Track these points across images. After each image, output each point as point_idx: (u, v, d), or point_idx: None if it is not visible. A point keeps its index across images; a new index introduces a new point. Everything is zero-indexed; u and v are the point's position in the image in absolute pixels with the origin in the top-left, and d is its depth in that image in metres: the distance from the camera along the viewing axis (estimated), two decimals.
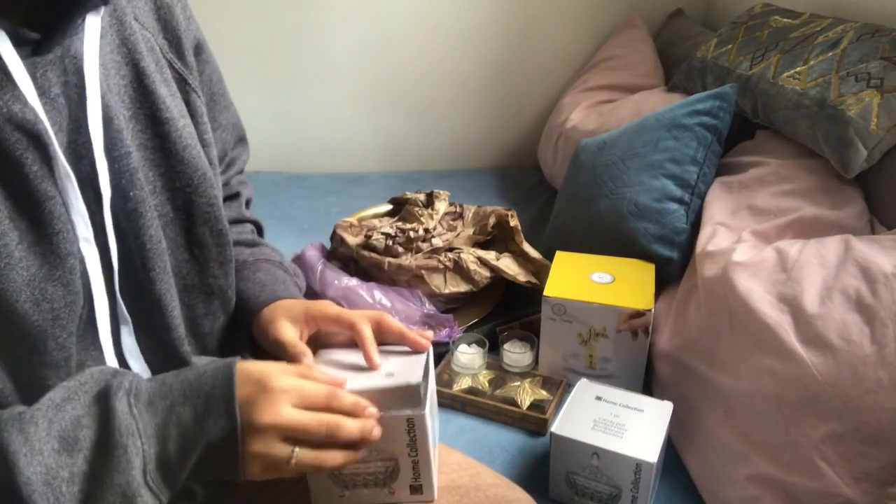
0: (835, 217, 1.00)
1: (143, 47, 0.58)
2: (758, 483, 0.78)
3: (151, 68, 0.58)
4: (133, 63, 0.57)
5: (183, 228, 0.61)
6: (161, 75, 0.60)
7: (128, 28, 0.57)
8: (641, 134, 1.24)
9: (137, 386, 0.50)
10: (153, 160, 0.58)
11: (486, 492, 0.67)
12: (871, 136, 0.99)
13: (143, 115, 0.58)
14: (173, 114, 0.59)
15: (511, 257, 1.19)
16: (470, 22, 1.89)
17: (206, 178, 0.61)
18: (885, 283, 0.76)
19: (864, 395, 0.71)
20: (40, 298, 0.48)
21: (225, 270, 0.65)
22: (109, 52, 0.55)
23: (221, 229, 0.64)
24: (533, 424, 0.98)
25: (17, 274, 0.47)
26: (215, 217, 0.63)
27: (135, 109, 0.57)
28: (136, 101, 0.57)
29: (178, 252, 0.61)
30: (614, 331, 1.00)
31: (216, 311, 0.66)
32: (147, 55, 0.59)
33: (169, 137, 0.59)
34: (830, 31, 1.16)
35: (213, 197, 0.62)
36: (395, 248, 1.20)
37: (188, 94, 0.63)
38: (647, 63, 1.76)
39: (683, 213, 1.14)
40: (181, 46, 0.63)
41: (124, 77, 0.57)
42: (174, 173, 0.59)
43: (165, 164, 0.59)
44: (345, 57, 1.89)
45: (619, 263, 1.10)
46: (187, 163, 0.60)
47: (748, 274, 0.89)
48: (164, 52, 0.61)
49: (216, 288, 0.65)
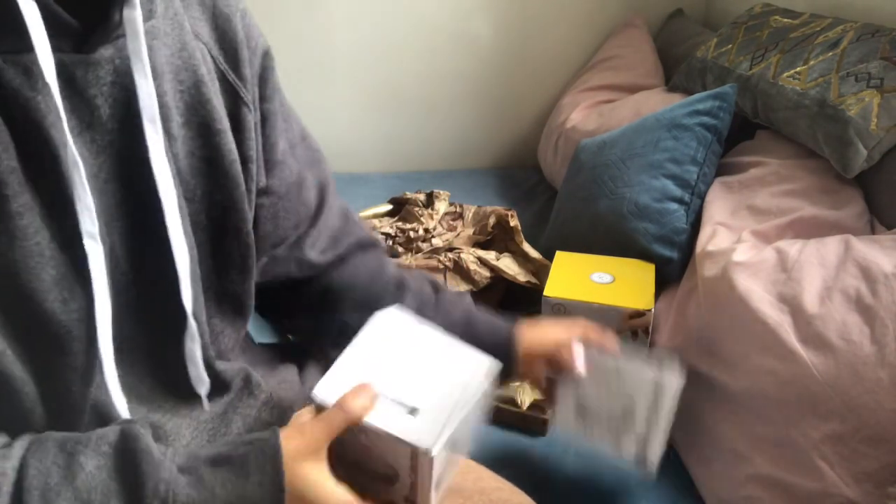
0: (835, 217, 1.00)
1: (199, 56, 0.57)
2: (758, 483, 0.78)
3: (206, 77, 0.57)
4: (192, 69, 0.56)
5: (211, 237, 0.60)
6: (213, 86, 0.59)
7: (188, 34, 0.56)
8: (641, 134, 1.24)
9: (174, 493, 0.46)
10: (199, 168, 0.57)
11: (489, 496, 0.66)
12: (871, 136, 0.99)
13: (196, 123, 0.56)
14: (226, 126, 0.58)
15: (511, 257, 1.19)
16: (470, 22, 1.89)
17: (244, 196, 0.61)
18: (885, 283, 0.76)
19: (865, 395, 0.71)
20: (69, 298, 0.48)
21: (243, 278, 0.65)
22: (169, 55, 0.54)
23: (248, 242, 0.63)
24: (533, 424, 0.98)
25: (47, 273, 0.47)
26: (246, 232, 0.62)
27: (188, 116, 0.56)
28: (192, 108, 0.56)
29: (200, 257, 0.61)
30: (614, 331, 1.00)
31: (226, 312, 0.66)
32: (202, 64, 0.57)
33: (219, 150, 0.58)
34: (830, 31, 1.16)
35: (246, 212, 0.62)
36: (395, 248, 1.20)
37: (240, 107, 0.61)
38: (647, 63, 1.76)
39: (683, 213, 1.14)
40: (237, 58, 0.61)
41: (182, 82, 0.55)
42: (217, 186, 0.59)
43: (211, 175, 0.58)
44: (345, 57, 1.88)
45: (619, 263, 1.09)
46: (231, 178, 0.59)
47: (748, 274, 0.89)
48: (218, 63, 0.60)
49: (230, 292, 0.64)
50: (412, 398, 0.54)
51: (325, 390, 0.53)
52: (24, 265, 0.46)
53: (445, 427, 0.52)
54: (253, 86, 0.63)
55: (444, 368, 0.57)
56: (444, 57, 1.93)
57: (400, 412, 0.53)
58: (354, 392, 0.51)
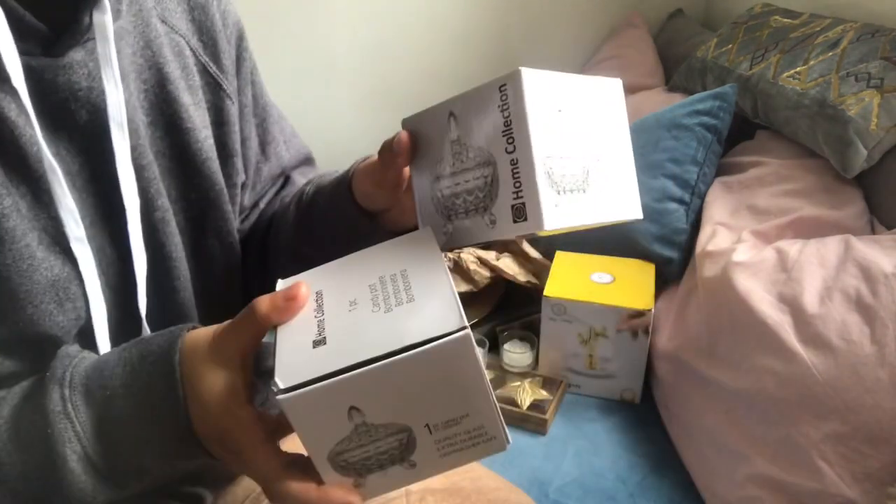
0: (835, 217, 1.00)
1: (168, 51, 0.56)
2: (758, 483, 0.78)
3: (176, 74, 0.56)
4: (157, 67, 0.55)
5: (191, 238, 0.59)
6: (187, 82, 0.57)
7: (153, 30, 0.55)
8: (641, 134, 1.24)
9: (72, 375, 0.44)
10: (171, 169, 0.56)
11: (487, 495, 0.66)
12: (871, 136, 0.99)
13: (163, 122, 0.55)
14: (195, 124, 0.57)
15: (511, 257, 1.19)
16: (470, 22, 1.89)
17: (222, 193, 0.60)
18: (885, 283, 0.76)
19: (865, 394, 0.71)
20: (64, 298, 0.48)
21: (230, 279, 0.64)
22: (132, 54, 0.53)
23: (231, 242, 0.62)
24: (533, 424, 0.98)
25: (41, 275, 0.46)
26: (227, 231, 0.61)
27: (154, 115, 0.55)
28: (157, 107, 0.55)
29: (184, 261, 0.59)
30: (614, 331, 1.00)
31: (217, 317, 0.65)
32: (173, 60, 0.56)
33: (189, 148, 0.57)
34: (830, 31, 1.16)
35: (227, 212, 0.61)
36: None
37: (222, 100, 0.60)
38: (647, 63, 1.76)
39: (683, 213, 1.14)
40: (217, 48, 0.60)
41: (146, 81, 0.54)
42: (191, 185, 0.57)
43: (183, 174, 0.57)
44: (345, 57, 1.88)
45: (619, 263, 1.10)
46: (205, 176, 0.58)
47: (748, 274, 0.89)
48: (198, 55, 0.59)
49: (216, 294, 0.64)
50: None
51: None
52: (17, 268, 0.46)
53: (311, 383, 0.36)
54: (233, 76, 0.62)
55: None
56: (444, 57, 1.93)
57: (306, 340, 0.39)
58: (273, 296, 0.42)
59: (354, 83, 1.92)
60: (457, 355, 0.36)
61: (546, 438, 0.96)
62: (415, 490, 0.65)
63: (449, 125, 0.48)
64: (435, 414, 0.38)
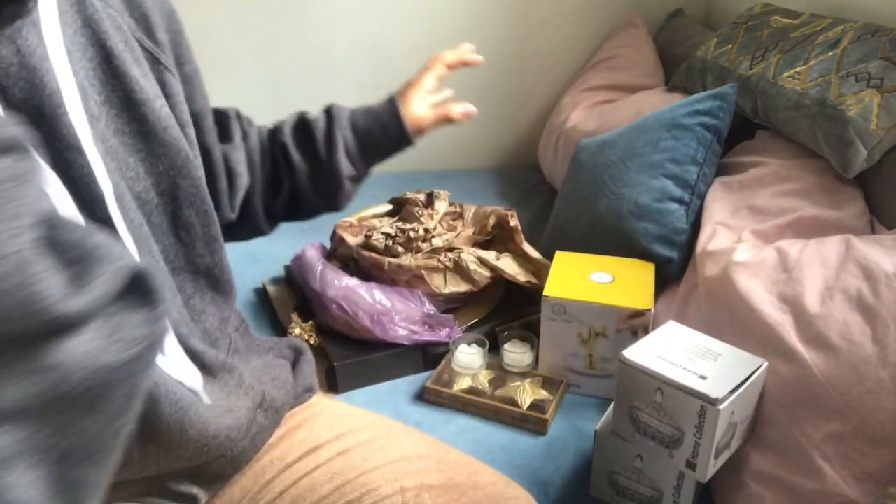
0: (835, 217, 1.00)
1: (108, 26, 0.55)
2: (759, 482, 0.78)
3: (120, 48, 0.55)
4: (100, 44, 0.54)
5: (168, 213, 0.59)
6: (132, 55, 0.57)
7: (90, 7, 0.54)
8: (641, 134, 1.24)
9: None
10: (133, 145, 0.56)
11: (484, 490, 0.66)
12: (871, 136, 0.99)
13: (117, 98, 0.55)
14: (149, 94, 0.56)
15: (511, 257, 1.19)
16: (470, 21, 1.89)
17: (189, 159, 0.59)
18: (886, 283, 0.76)
19: (866, 395, 0.71)
20: None
21: (211, 249, 0.64)
22: (72, 33, 0.52)
23: (207, 209, 0.62)
24: (533, 424, 0.98)
25: None
26: (200, 198, 0.61)
27: (107, 93, 0.54)
28: (108, 83, 0.54)
29: (163, 237, 0.59)
30: (614, 331, 1.00)
31: (204, 289, 0.64)
32: (114, 34, 0.55)
33: (147, 120, 0.56)
34: (830, 31, 1.16)
35: (198, 178, 0.60)
36: (395, 248, 1.20)
37: (162, 73, 0.60)
38: (647, 63, 1.76)
39: (683, 213, 1.14)
40: (149, 23, 0.60)
41: (91, 59, 0.53)
42: (156, 157, 0.57)
43: (146, 147, 0.56)
44: (345, 57, 1.88)
45: (619, 263, 1.09)
46: (168, 145, 0.57)
47: (749, 274, 0.89)
48: (132, 32, 0.58)
49: (202, 266, 0.63)
50: (702, 369, 0.73)
51: (633, 353, 0.76)
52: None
53: (733, 391, 0.69)
54: (170, 50, 0.62)
55: (724, 357, 0.76)
56: None
57: (692, 376, 0.72)
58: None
59: (354, 83, 1.92)
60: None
61: (546, 438, 0.96)
62: (411, 487, 0.64)
63: (655, 394, 0.75)
64: None
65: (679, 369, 0.74)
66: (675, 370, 0.74)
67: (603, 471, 0.85)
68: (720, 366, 0.75)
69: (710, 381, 0.72)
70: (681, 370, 0.73)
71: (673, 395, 0.73)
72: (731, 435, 0.76)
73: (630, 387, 0.78)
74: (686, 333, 0.82)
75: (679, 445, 0.75)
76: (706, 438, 0.72)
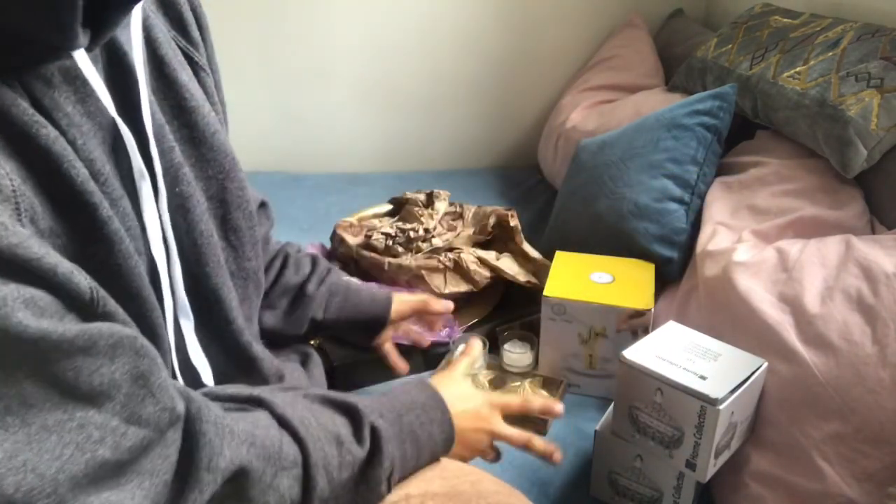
0: (835, 217, 1.00)
1: (157, 32, 0.54)
2: (759, 482, 0.78)
3: (170, 55, 0.55)
4: (152, 50, 0.53)
5: (219, 217, 0.59)
6: (178, 60, 0.56)
7: (144, 11, 0.53)
8: (641, 134, 1.24)
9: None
10: (185, 151, 0.55)
11: (487, 499, 0.66)
12: (871, 136, 0.99)
13: (169, 106, 0.54)
14: (198, 101, 0.56)
15: (511, 257, 1.19)
16: (470, 21, 1.89)
17: (235, 161, 0.59)
18: (886, 283, 0.76)
19: (866, 395, 0.71)
20: (152, 289, 0.49)
21: (256, 252, 0.63)
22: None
23: (251, 211, 0.62)
24: (533, 424, 0.97)
25: (143, 268, 0.48)
26: (246, 200, 0.61)
27: (159, 100, 0.54)
28: (161, 90, 0.54)
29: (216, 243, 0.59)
30: (614, 331, 1.00)
31: (251, 295, 0.64)
32: (163, 41, 0.55)
33: (197, 126, 0.56)
34: (830, 31, 1.16)
35: (242, 180, 0.60)
36: (395, 248, 1.19)
37: (198, 73, 0.60)
38: (647, 63, 1.76)
39: (683, 213, 1.14)
40: (183, 21, 0.59)
41: (146, 64, 0.53)
42: (206, 162, 0.57)
43: (196, 153, 0.56)
44: (345, 57, 1.88)
45: (619, 263, 1.09)
46: (217, 149, 0.57)
47: (749, 274, 0.89)
48: (168, 31, 0.57)
49: (250, 271, 0.63)
50: (702, 369, 0.74)
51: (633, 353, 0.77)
52: (127, 267, 0.45)
53: (732, 391, 0.70)
54: (202, 48, 0.61)
55: (724, 357, 0.77)
56: (443, 56, 1.93)
57: (691, 376, 0.72)
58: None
59: (354, 83, 1.92)
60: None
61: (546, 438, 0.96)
62: (415, 494, 0.64)
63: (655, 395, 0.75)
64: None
65: (679, 369, 0.74)
66: (674, 370, 0.74)
67: (603, 471, 0.85)
68: (720, 366, 0.76)
69: (710, 382, 0.72)
70: (681, 370, 0.74)
71: (673, 395, 0.73)
72: (731, 435, 0.76)
73: (630, 387, 0.78)
74: (686, 333, 0.82)
75: (679, 445, 0.75)
76: (706, 438, 0.72)
